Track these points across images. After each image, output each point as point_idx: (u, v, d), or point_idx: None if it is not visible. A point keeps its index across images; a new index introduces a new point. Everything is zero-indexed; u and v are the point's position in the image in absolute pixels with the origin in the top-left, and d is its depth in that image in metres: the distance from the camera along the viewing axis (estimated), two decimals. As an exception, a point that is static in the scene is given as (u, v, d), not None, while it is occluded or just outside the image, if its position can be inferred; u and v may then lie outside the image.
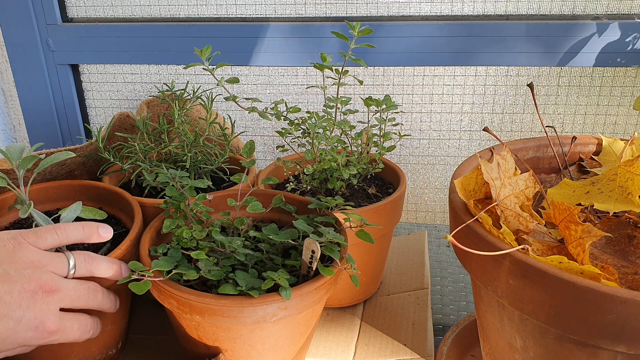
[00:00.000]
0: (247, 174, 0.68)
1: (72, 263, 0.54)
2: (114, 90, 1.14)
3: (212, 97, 0.80)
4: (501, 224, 0.49)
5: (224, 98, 0.70)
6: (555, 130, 0.67)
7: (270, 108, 0.69)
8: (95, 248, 0.64)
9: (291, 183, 0.74)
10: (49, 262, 0.52)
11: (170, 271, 0.54)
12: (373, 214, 0.68)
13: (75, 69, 1.12)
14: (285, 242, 0.59)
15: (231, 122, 0.80)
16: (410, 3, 0.99)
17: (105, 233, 0.57)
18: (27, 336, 0.49)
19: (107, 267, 0.56)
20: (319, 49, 1.00)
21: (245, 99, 0.71)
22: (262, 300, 0.51)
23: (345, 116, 0.77)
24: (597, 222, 0.55)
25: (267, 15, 1.03)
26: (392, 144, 0.89)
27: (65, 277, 0.53)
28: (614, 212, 0.51)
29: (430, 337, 0.69)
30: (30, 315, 0.49)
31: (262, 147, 1.14)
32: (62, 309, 0.52)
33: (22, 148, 0.59)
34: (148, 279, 0.53)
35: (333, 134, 0.72)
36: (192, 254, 0.55)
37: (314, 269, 0.55)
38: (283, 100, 0.75)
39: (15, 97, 1.16)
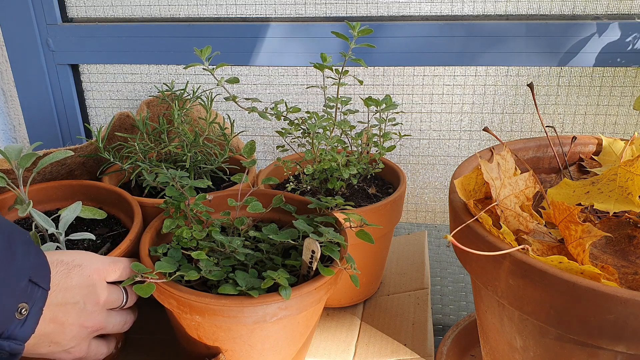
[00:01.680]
0: (247, 174, 0.68)
1: (124, 301, 0.57)
2: (114, 90, 1.14)
3: (211, 97, 0.80)
4: (501, 224, 0.48)
5: (224, 98, 0.70)
6: (555, 130, 0.67)
7: (270, 108, 0.69)
8: (96, 248, 0.64)
9: (291, 183, 0.74)
10: (108, 299, 0.55)
11: (173, 273, 0.53)
12: (373, 214, 0.68)
13: (75, 69, 1.12)
14: (285, 242, 0.59)
15: (231, 122, 0.80)
16: (410, 3, 0.99)
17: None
18: (60, 356, 0.53)
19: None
20: (319, 49, 1.00)
21: (245, 99, 0.71)
22: (262, 300, 0.51)
23: (345, 116, 0.77)
24: (597, 222, 0.55)
25: (267, 15, 1.03)
26: (392, 144, 0.89)
27: (113, 309, 0.57)
28: (614, 212, 0.51)
29: (430, 337, 0.69)
30: (73, 345, 0.53)
31: (262, 147, 1.14)
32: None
33: (21, 148, 0.59)
34: (151, 280, 0.53)
35: (333, 134, 0.72)
36: (193, 254, 0.55)
37: (314, 269, 0.55)
38: (283, 100, 0.75)
39: (15, 97, 1.16)
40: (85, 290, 0.53)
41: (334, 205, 0.62)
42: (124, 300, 0.57)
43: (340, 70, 0.70)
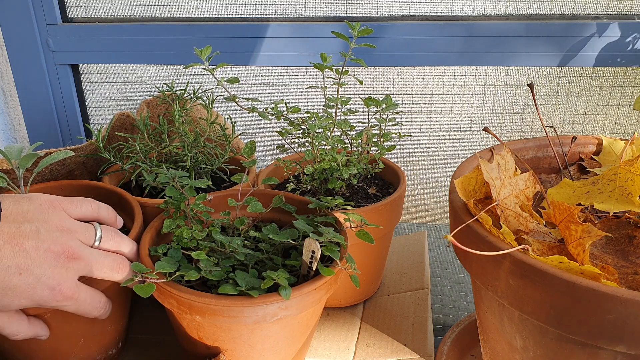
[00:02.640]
0: (247, 174, 0.68)
1: (98, 234, 0.55)
2: (114, 90, 1.14)
3: (212, 97, 0.80)
4: (501, 224, 0.49)
5: (224, 98, 0.70)
6: (555, 130, 0.67)
7: (270, 108, 0.69)
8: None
9: (291, 183, 0.74)
10: (77, 230, 0.53)
11: (173, 273, 0.54)
12: (373, 214, 0.68)
13: (75, 69, 1.12)
14: (285, 242, 0.59)
15: (232, 122, 0.80)
16: (410, 3, 0.99)
17: (120, 223, 0.61)
18: (43, 295, 0.50)
19: (130, 246, 0.58)
20: (319, 49, 1.00)
21: (245, 99, 0.71)
22: (262, 300, 0.51)
23: (345, 116, 0.77)
24: (597, 222, 0.55)
25: (267, 15, 1.03)
26: (392, 144, 0.89)
27: (90, 247, 0.55)
28: (614, 212, 0.51)
29: (430, 337, 0.69)
30: (49, 274, 0.50)
31: (262, 147, 1.14)
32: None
33: (21, 148, 0.59)
34: (152, 280, 0.53)
35: (333, 134, 0.72)
36: (193, 254, 0.55)
37: (314, 269, 0.55)
38: (283, 100, 0.75)
39: (15, 97, 1.16)
40: (39, 215, 0.51)
41: (334, 205, 0.62)
42: (96, 234, 0.55)
43: (340, 70, 0.70)
